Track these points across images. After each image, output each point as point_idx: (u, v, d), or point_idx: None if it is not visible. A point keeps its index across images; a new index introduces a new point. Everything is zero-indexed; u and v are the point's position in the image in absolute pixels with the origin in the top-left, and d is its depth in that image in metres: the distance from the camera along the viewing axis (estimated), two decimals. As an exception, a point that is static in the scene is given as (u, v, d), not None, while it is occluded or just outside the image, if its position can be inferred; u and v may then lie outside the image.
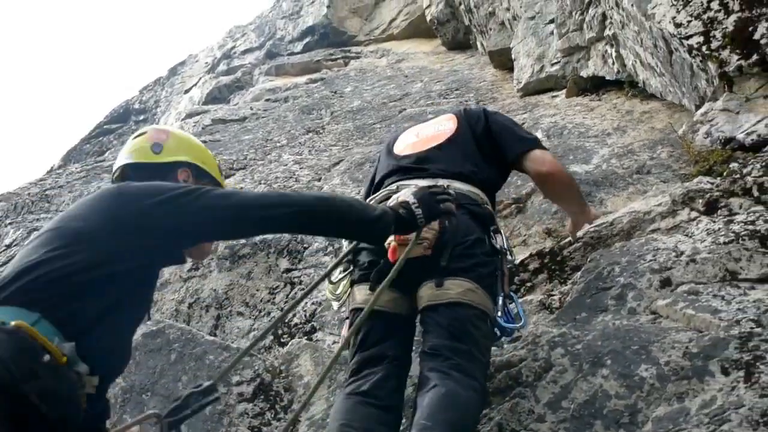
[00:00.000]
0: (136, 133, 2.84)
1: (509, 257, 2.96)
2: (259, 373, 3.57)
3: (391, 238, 2.68)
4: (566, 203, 3.47)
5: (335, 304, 3.07)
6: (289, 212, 2.25)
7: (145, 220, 2.12)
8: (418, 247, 2.67)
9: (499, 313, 2.71)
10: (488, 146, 3.16)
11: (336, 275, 2.99)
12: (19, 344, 1.81)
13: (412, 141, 3.26)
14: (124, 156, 2.75)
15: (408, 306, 2.82)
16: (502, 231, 2.97)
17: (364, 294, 2.83)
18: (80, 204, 2.27)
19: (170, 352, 3.64)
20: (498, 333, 2.81)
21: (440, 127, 3.25)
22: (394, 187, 2.99)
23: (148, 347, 3.65)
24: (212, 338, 3.96)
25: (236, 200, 2.23)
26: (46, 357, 1.84)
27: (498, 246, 2.84)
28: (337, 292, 2.99)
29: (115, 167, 2.78)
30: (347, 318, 2.97)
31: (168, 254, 2.30)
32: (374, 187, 3.23)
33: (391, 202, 2.73)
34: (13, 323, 1.83)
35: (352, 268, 2.96)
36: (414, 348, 2.88)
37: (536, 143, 3.25)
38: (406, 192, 2.63)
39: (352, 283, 2.92)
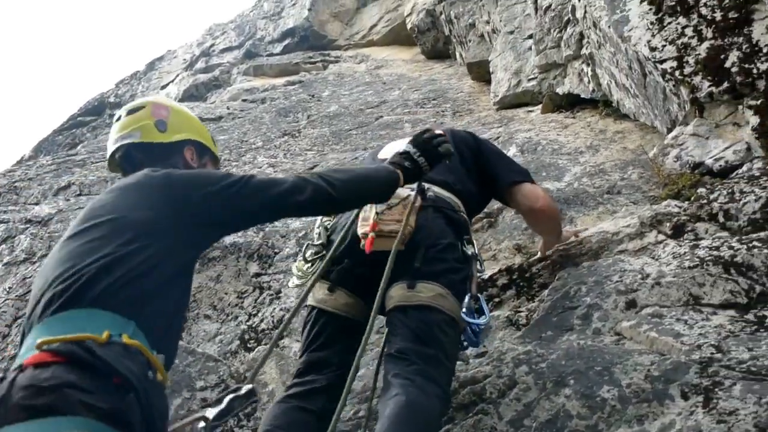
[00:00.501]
0: (131, 106, 2.69)
1: (479, 267, 2.99)
2: (224, 379, 3.56)
3: (368, 229, 2.73)
4: (548, 234, 3.52)
5: (296, 281, 3.06)
6: (322, 199, 2.34)
7: (202, 211, 2.11)
8: (391, 240, 2.69)
9: (464, 310, 2.70)
10: (475, 169, 3.18)
11: (310, 255, 2.98)
12: (136, 360, 1.75)
13: (397, 148, 3.28)
14: (126, 133, 2.60)
15: (364, 312, 2.83)
16: (474, 242, 3.00)
17: (322, 293, 2.83)
18: (126, 190, 2.17)
19: (135, 354, 3.60)
20: (464, 342, 2.83)
21: None
22: None
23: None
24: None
25: (277, 190, 2.26)
26: (150, 373, 1.78)
27: (470, 253, 2.86)
28: (305, 268, 2.96)
29: (115, 144, 2.62)
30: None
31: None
32: None
33: (391, 154, 2.84)
34: (124, 339, 1.75)
35: (324, 252, 2.94)
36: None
37: (529, 176, 3.30)
38: (403, 141, 2.66)
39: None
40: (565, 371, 2.65)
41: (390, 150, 3.29)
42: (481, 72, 8.87)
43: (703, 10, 4.14)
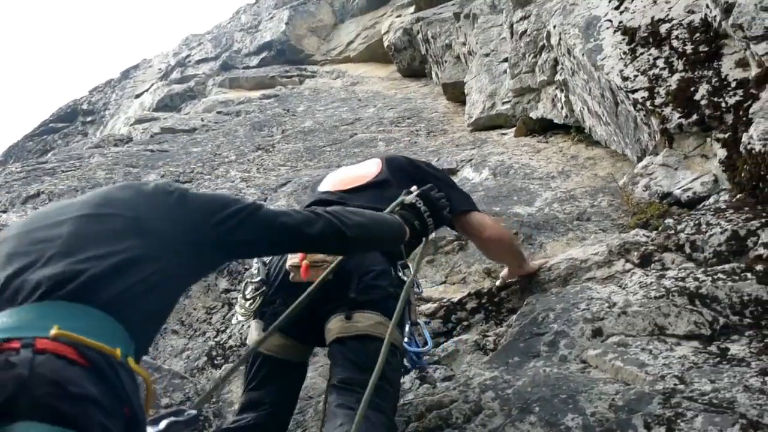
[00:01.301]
0: None
1: (417, 289, 3.00)
2: (189, 396, 3.52)
3: (297, 260, 2.69)
4: (506, 261, 3.55)
5: (239, 317, 3.06)
6: (332, 235, 2.24)
7: (211, 236, 2.02)
8: (317, 269, 2.66)
9: (406, 339, 2.73)
10: None
11: (249, 292, 2.91)
12: (140, 392, 1.65)
13: (338, 179, 3.26)
14: None
15: (299, 352, 2.88)
16: (410, 265, 2.95)
17: (257, 334, 2.82)
18: (140, 194, 2.04)
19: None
20: (408, 365, 2.84)
21: (364, 170, 3.27)
22: None
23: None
24: (144, 357, 3.89)
25: (287, 220, 2.19)
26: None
27: (405, 279, 2.82)
28: (249, 306, 2.90)
29: None
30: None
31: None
32: None
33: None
34: (131, 363, 1.63)
35: (264, 288, 2.89)
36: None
37: (474, 204, 3.32)
38: (413, 195, 2.67)
39: (255, 315, 2.89)
40: (531, 398, 2.67)
41: (332, 181, 3.26)
42: (456, 93, 8.94)
43: (675, 43, 4.23)
